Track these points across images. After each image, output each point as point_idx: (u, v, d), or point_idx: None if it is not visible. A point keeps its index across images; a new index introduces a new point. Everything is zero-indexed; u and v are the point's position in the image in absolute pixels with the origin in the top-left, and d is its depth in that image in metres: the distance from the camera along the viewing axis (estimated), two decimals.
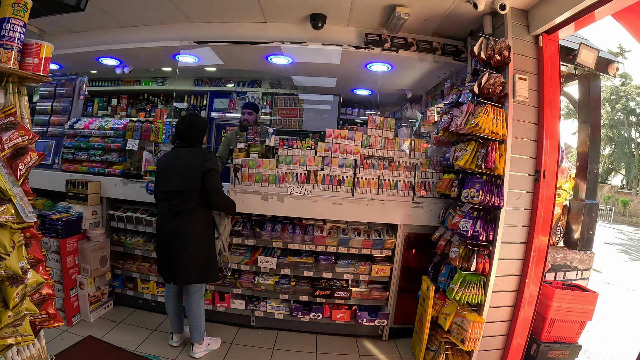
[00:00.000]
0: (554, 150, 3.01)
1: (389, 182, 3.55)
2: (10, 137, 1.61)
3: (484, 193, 2.82)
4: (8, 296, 1.57)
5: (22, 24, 1.65)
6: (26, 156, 1.71)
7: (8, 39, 1.61)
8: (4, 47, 1.60)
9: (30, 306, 1.71)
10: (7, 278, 1.58)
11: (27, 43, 1.73)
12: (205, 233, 2.96)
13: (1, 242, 1.52)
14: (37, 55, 1.75)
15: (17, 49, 1.65)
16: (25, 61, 1.73)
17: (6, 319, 1.58)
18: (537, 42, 3.07)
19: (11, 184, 1.57)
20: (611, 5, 2.50)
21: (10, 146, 1.61)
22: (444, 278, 3.14)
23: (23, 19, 1.66)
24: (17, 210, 1.57)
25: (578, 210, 3.99)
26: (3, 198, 1.56)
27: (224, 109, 5.63)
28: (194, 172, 2.81)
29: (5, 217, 1.53)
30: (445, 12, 3.36)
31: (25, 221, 1.60)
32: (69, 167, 4.03)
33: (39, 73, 1.77)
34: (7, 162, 1.63)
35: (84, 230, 3.54)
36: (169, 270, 2.87)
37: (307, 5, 3.50)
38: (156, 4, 3.61)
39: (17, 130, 1.65)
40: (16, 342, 1.66)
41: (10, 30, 1.61)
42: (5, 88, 1.73)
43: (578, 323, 3.36)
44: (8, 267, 1.55)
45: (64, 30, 4.33)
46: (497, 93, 2.90)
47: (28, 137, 1.69)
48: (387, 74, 4.64)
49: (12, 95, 1.76)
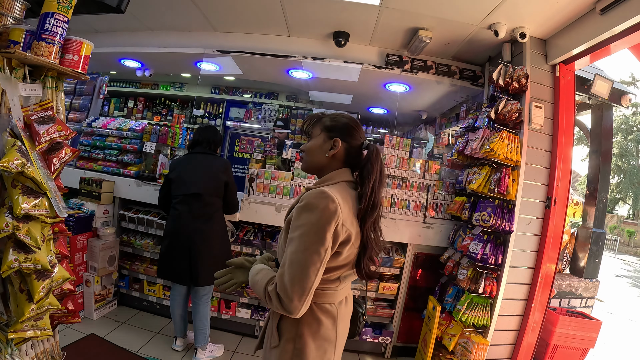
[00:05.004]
0: (566, 178, 3.05)
1: (402, 202, 3.58)
2: (47, 131, 1.62)
3: (495, 217, 2.86)
4: (34, 290, 1.58)
5: (65, 20, 1.65)
6: (61, 151, 1.72)
7: (51, 33, 1.61)
8: (47, 42, 1.60)
9: (53, 301, 1.71)
10: (34, 271, 1.59)
11: (68, 40, 1.73)
12: (225, 236, 3.07)
13: (33, 235, 1.54)
14: (77, 53, 1.76)
15: (58, 44, 1.66)
16: (65, 57, 1.73)
17: (29, 312, 1.59)
18: (554, 72, 3.13)
19: (46, 178, 1.59)
20: (627, 40, 2.56)
21: (47, 140, 1.62)
22: (451, 299, 3.16)
23: (67, 16, 1.66)
24: (51, 205, 1.60)
25: (585, 239, 4.00)
26: (38, 191, 1.57)
27: (240, 119, 5.67)
28: (218, 178, 2.93)
29: (39, 210, 1.55)
30: (466, 37, 3.42)
31: (59, 216, 1.62)
32: (83, 164, 4.06)
33: (77, 70, 1.77)
34: (42, 155, 1.64)
35: (94, 229, 3.56)
36: (189, 271, 2.88)
37: (332, 22, 3.58)
38: (185, 11, 3.68)
39: (55, 125, 1.66)
40: (34, 336, 1.67)
41: (53, 25, 1.61)
42: (43, 82, 1.74)
43: (580, 350, 3.36)
44: (37, 261, 1.56)
45: (89, 29, 4.40)
46: (513, 120, 2.95)
47: (65, 132, 1.71)
48: (404, 95, 4.69)
49: (50, 89, 1.78)
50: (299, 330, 1.33)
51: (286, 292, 1.19)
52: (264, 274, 1.31)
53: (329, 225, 1.21)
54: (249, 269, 1.45)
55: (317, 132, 1.44)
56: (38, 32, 1.61)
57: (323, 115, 1.48)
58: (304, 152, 1.45)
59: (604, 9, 2.53)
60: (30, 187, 1.56)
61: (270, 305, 1.24)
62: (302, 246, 1.21)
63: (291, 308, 1.20)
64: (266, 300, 1.25)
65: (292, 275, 1.19)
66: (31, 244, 1.54)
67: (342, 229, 1.24)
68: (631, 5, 2.35)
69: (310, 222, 1.21)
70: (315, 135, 1.44)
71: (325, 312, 1.36)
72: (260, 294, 1.27)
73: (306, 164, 1.45)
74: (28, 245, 1.54)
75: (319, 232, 1.20)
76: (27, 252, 1.56)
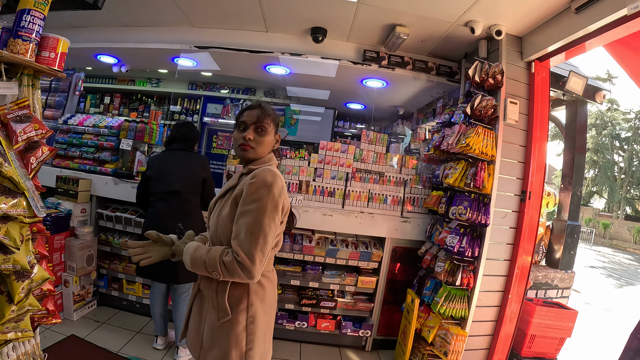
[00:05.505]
0: (540, 172, 3.12)
1: (379, 196, 3.62)
2: (24, 130, 1.59)
3: (471, 211, 2.91)
4: (14, 291, 1.55)
5: (42, 17, 1.62)
6: (38, 150, 1.69)
7: (27, 30, 1.58)
8: (23, 39, 1.57)
9: (33, 302, 1.68)
10: (14, 272, 1.56)
11: (44, 37, 1.70)
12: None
13: (12, 235, 1.50)
14: (54, 50, 1.73)
15: (35, 41, 1.63)
16: (41, 54, 1.70)
17: (9, 314, 1.55)
18: (529, 68, 3.19)
19: (24, 178, 1.56)
20: (601, 38, 2.61)
21: (24, 139, 1.59)
22: (429, 292, 3.21)
23: (43, 12, 1.63)
24: (29, 204, 1.57)
25: (560, 231, 4.10)
26: (16, 191, 1.54)
27: (217, 115, 5.62)
28: (196, 175, 2.93)
29: (17, 210, 1.51)
30: (443, 34, 3.45)
31: (37, 215, 1.59)
32: (60, 162, 3.99)
33: (54, 67, 1.74)
34: (19, 155, 1.61)
35: (72, 228, 3.51)
36: (168, 269, 2.83)
37: (309, 18, 3.57)
38: (162, 6, 3.63)
39: (32, 124, 1.63)
40: (16, 338, 1.63)
41: (30, 22, 1.58)
42: (20, 80, 1.71)
43: (557, 339, 3.44)
44: (17, 261, 1.53)
45: (64, 24, 4.28)
46: (488, 115, 3.00)
47: (42, 131, 1.67)
48: (381, 90, 4.72)
49: (27, 87, 1.74)
50: (250, 299, 1.49)
51: (250, 257, 1.34)
52: (210, 249, 1.44)
53: (280, 198, 1.43)
54: (168, 245, 1.62)
55: (271, 128, 1.60)
56: (14, 29, 1.58)
57: (271, 109, 1.63)
58: (258, 144, 1.56)
59: (579, 7, 2.57)
60: (7, 187, 1.53)
61: (226, 275, 1.37)
62: (260, 217, 1.38)
63: (254, 273, 1.35)
64: (221, 272, 1.37)
65: (253, 242, 1.35)
66: (10, 244, 1.50)
67: (285, 202, 1.49)
68: (606, 4, 2.39)
69: (267, 196, 1.39)
70: (269, 131, 1.59)
71: (267, 278, 1.56)
72: (213, 266, 1.38)
73: (255, 154, 1.57)
74: (7, 246, 1.51)
75: (275, 204, 1.41)
76: (6, 253, 1.52)
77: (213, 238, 1.55)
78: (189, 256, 1.46)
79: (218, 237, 1.51)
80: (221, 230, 1.49)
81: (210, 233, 1.58)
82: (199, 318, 1.55)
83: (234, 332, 1.45)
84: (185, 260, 1.47)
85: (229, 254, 1.37)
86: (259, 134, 1.56)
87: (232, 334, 1.45)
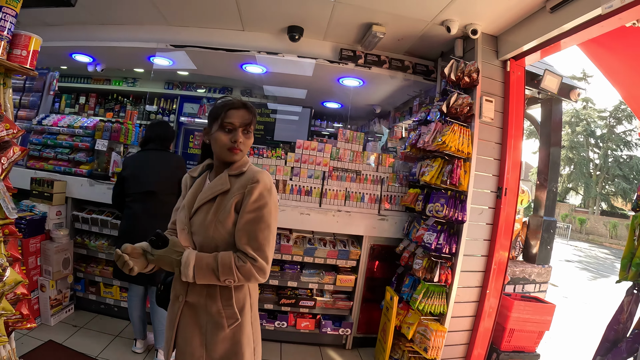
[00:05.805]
0: (516, 169, 3.17)
1: (356, 195, 3.63)
2: None
3: (448, 208, 2.94)
4: None
5: (13, 14, 1.60)
6: (9, 150, 1.66)
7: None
8: None
9: (6, 306, 1.65)
10: None
11: (16, 34, 1.67)
12: None
13: None
14: (26, 48, 1.70)
15: (6, 39, 1.60)
16: (13, 52, 1.67)
17: None
18: (505, 67, 3.23)
19: None
20: (576, 37, 2.66)
21: None
22: (408, 289, 3.24)
23: (15, 9, 1.61)
24: (0, 206, 1.53)
25: (537, 227, 4.17)
26: None
27: (194, 114, 5.55)
28: (172, 176, 2.87)
29: None
30: (419, 33, 3.48)
31: (8, 217, 1.56)
32: (34, 164, 3.89)
33: (26, 66, 1.72)
34: None
35: (47, 231, 3.43)
36: None
37: (286, 17, 3.56)
38: (138, 4, 3.56)
39: (2, 123, 1.60)
40: None
41: (1, 20, 1.56)
42: None
43: (536, 333, 3.49)
44: None
45: (37, 22, 4.18)
46: (464, 113, 3.04)
47: (13, 130, 1.64)
48: (358, 89, 4.74)
49: None
50: (250, 300, 1.54)
51: (266, 260, 1.42)
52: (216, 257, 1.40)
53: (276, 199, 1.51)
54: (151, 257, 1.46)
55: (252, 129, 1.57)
56: None
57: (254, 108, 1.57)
58: (245, 147, 1.54)
59: (554, 7, 2.61)
60: None
61: (241, 280, 1.40)
62: (268, 220, 1.45)
63: (268, 273, 1.44)
64: (237, 277, 1.38)
65: (266, 245, 1.43)
66: None
67: None
68: (580, 4, 2.44)
69: (270, 199, 1.46)
70: (251, 132, 1.56)
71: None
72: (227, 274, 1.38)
73: (242, 157, 1.56)
74: None
75: (276, 206, 1.50)
76: None
77: (204, 243, 1.48)
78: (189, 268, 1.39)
79: (214, 242, 1.46)
80: (218, 236, 1.46)
81: (200, 238, 1.49)
82: (197, 331, 1.49)
83: (245, 334, 1.49)
84: (185, 272, 1.39)
85: (241, 259, 1.40)
86: (247, 137, 1.53)
87: (244, 336, 1.48)
